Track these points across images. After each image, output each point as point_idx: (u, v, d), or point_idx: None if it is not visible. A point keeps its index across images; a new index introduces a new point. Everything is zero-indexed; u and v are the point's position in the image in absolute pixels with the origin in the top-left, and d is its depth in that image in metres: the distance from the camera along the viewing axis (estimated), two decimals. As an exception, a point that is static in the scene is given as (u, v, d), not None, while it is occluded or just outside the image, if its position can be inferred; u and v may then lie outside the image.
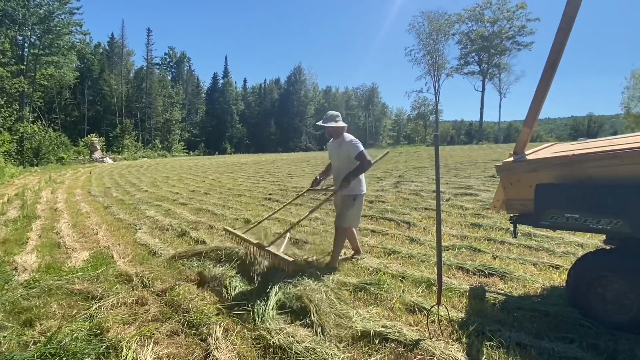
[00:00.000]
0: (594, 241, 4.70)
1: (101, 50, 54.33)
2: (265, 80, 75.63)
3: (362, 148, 4.19)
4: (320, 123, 4.36)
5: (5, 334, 2.96)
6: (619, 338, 2.58)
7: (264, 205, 8.97)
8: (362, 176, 4.36)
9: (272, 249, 4.08)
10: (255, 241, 4.31)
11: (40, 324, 3.15)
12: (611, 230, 2.66)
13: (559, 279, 3.73)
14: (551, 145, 3.72)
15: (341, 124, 4.31)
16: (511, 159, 3.40)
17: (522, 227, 4.61)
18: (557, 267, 4.03)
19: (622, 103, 41.36)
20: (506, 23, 57.99)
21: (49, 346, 2.66)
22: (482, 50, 59.76)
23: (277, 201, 9.38)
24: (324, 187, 4.76)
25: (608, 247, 3.11)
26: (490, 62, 60.33)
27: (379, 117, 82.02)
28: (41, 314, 3.36)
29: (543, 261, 4.22)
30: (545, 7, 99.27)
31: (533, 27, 56.06)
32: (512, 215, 3.49)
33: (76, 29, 34.91)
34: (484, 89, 60.87)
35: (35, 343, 2.82)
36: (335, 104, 73.24)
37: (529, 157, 3.28)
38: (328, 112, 4.41)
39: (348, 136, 4.33)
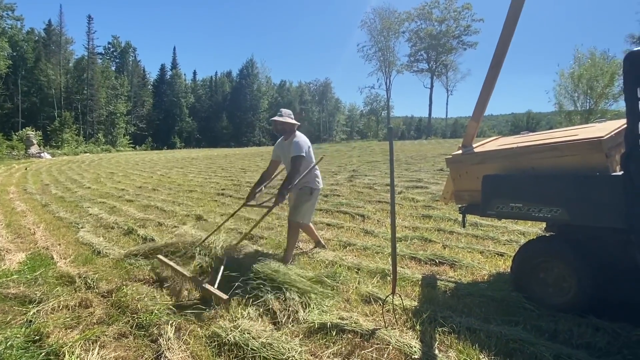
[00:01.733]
0: (535, 229, 5.00)
1: (36, 37, 50.33)
2: (216, 72, 73.74)
3: (302, 152, 4.05)
4: (275, 118, 4.27)
5: None
6: (559, 319, 2.74)
7: (216, 200, 8.76)
8: (318, 171, 4.34)
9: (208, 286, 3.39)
10: (190, 275, 3.69)
11: (-31, 333, 2.87)
12: (551, 218, 2.83)
13: (504, 265, 3.93)
14: (496, 138, 3.89)
15: (293, 121, 4.23)
16: (460, 151, 3.52)
17: (469, 217, 4.80)
18: (502, 255, 4.24)
19: (555, 100, 44.23)
20: (453, 22, 60.43)
21: (-21, 357, 2.43)
22: (431, 49, 61.92)
23: (230, 196, 9.20)
24: (259, 203, 4.46)
25: (548, 235, 3.32)
26: (438, 60, 62.60)
27: (332, 112, 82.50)
28: (-30, 322, 3.06)
29: (489, 249, 4.44)
30: (489, 9, 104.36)
31: (477, 27, 58.96)
32: (460, 205, 3.62)
33: (7, 14, 32.28)
34: (432, 86, 63.20)
35: (-37, 354, 2.57)
36: (289, 99, 72.86)
37: (476, 150, 3.42)
38: (282, 109, 4.34)
39: (298, 136, 4.23)
